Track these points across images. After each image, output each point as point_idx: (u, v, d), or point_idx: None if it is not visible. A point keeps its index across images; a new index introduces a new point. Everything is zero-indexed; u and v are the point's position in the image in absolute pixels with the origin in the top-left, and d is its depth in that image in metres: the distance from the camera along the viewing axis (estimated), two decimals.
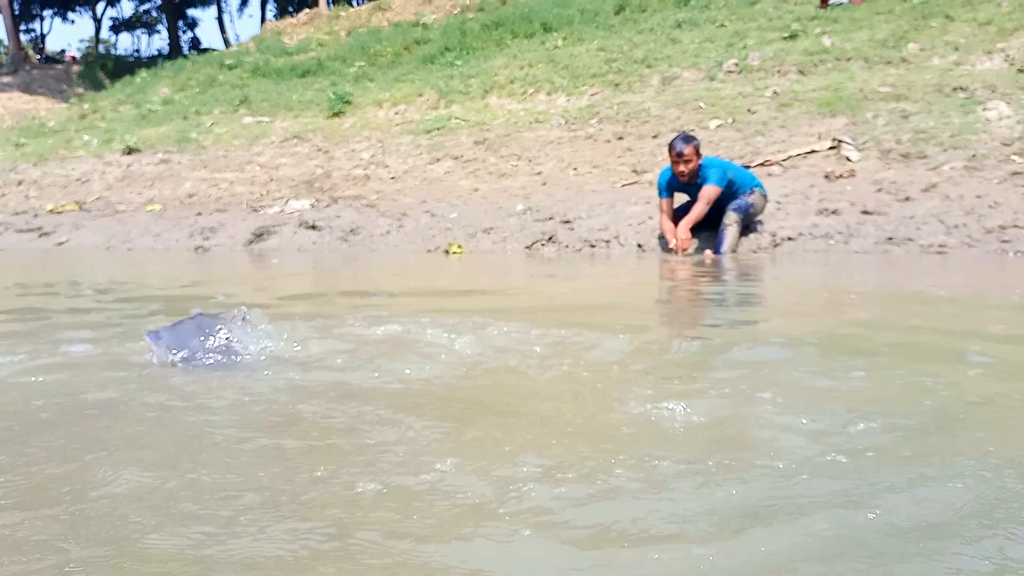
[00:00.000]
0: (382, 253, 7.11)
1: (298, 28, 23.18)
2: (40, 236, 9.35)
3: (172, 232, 8.78)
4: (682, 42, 11.76)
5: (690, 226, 6.04)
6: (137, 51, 52.40)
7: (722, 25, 12.14)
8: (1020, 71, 8.26)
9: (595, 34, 13.74)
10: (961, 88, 8.09)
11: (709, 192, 6.03)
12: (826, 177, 7.03)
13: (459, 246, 6.72)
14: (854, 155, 7.32)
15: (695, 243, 6.16)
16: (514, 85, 12.16)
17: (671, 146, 6.10)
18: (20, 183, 12.80)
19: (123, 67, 29.18)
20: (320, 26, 22.50)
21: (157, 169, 12.14)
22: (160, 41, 68.46)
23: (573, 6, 15.79)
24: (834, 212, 6.27)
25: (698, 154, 6.07)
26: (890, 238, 5.72)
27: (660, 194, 6.26)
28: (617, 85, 10.97)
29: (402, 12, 21.35)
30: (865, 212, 6.17)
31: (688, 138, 6.11)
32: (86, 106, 18.60)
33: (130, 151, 13.07)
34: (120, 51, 49.91)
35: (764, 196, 6.24)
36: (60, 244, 8.85)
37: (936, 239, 5.59)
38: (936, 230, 5.70)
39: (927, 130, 7.38)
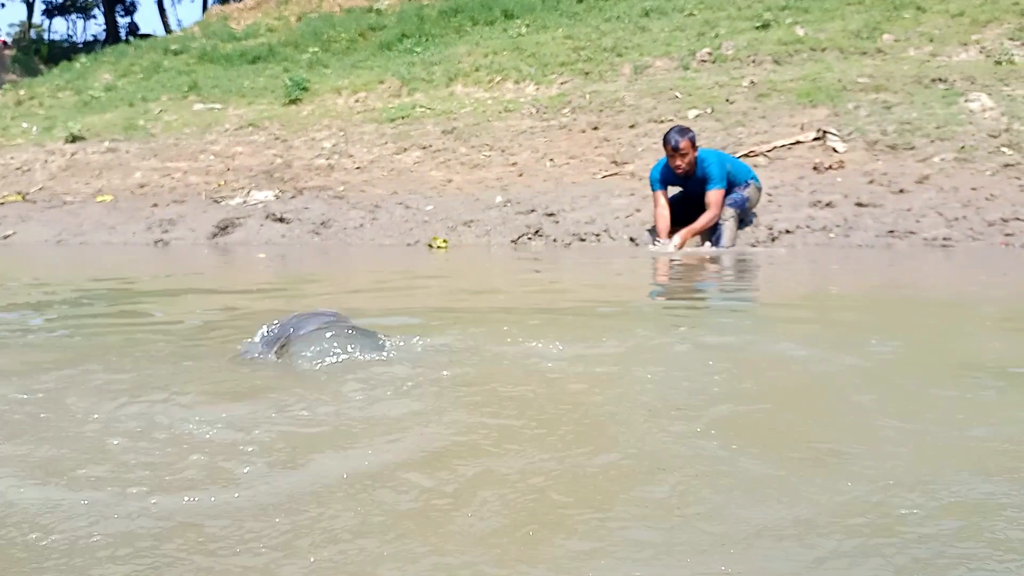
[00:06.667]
0: (373, 249, 6.77)
1: (245, 13, 22.39)
2: None
3: (128, 225, 8.28)
4: (651, 31, 11.57)
5: (695, 234, 5.82)
6: (71, 36, 50.49)
7: (691, 14, 11.98)
8: (998, 63, 8.24)
9: (559, 22, 13.48)
10: (940, 80, 8.04)
11: (717, 196, 5.81)
12: (815, 168, 6.90)
13: (444, 240, 6.41)
14: (840, 146, 7.20)
15: (695, 239, 5.93)
16: (479, 73, 11.83)
17: (666, 140, 5.90)
18: None
19: (58, 52, 28.07)
20: (268, 11, 21.77)
21: (104, 158, 11.52)
22: (96, 26, 66.22)
23: None
24: (828, 204, 6.13)
25: (694, 147, 5.87)
26: (891, 231, 5.59)
27: (653, 187, 6.04)
28: (587, 74, 10.72)
29: None
30: (860, 204, 6.04)
31: (683, 131, 5.90)
32: (22, 92, 17.66)
33: (74, 139, 12.40)
34: (54, 36, 48.04)
35: (759, 188, 6.09)
36: (6, 238, 8.28)
37: (938, 232, 5.48)
38: (936, 223, 5.59)
39: (912, 121, 7.29)
